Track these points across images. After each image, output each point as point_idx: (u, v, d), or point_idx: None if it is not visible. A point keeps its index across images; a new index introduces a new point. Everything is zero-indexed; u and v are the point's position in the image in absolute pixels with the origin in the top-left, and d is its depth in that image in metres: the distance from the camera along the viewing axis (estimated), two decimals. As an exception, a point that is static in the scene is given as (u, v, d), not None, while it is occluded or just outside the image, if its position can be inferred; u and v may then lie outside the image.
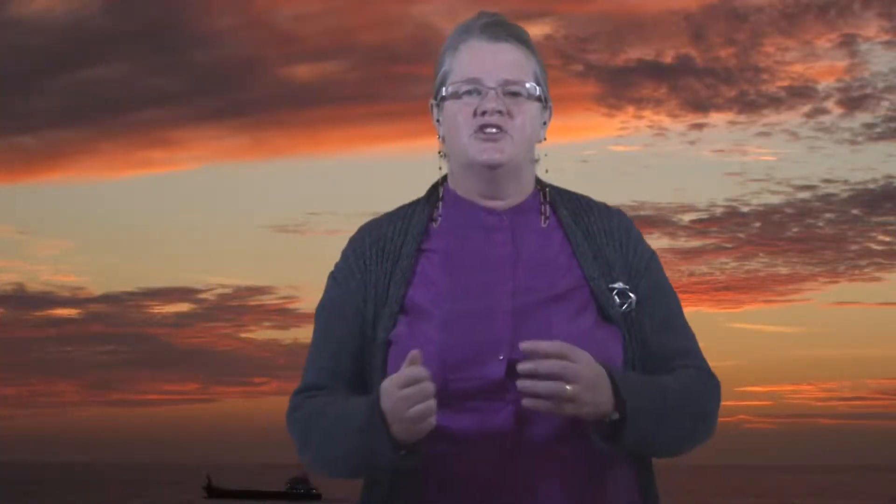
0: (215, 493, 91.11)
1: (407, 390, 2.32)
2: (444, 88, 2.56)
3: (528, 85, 2.53)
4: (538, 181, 2.63)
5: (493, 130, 2.50)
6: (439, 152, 2.61)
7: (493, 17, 2.58)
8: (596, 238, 2.58)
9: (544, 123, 2.60)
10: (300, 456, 2.54)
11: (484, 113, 2.50)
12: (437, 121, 2.60)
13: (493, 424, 2.42)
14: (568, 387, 2.32)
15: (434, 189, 2.64)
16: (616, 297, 2.52)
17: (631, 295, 2.53)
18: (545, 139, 2.61)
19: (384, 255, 2.57)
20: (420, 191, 2.67)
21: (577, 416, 2.36)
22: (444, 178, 2.63)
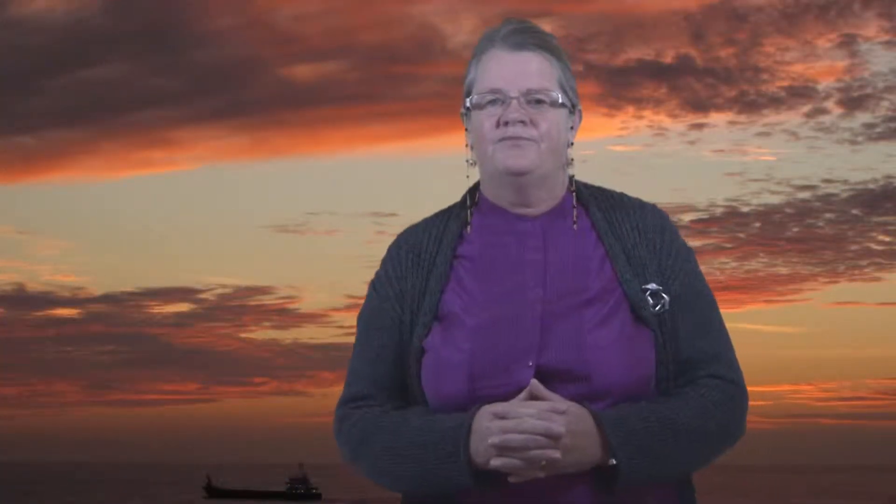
0: (215, 493, 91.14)
1: (506, 423, 2.36)
2: (469, 99, 2.58)
3: (551, 93, 2.53)
4: (572, 183, 2.62)
5: (517, 140, 2.51)
6: (467, 160, 2.62)
7: (517, 24, 2.58)
8: (628, 238, 2.57)
9: (572, 128, 2.60)
10: (352, 466, 2.58)
11: (507, 123, 2.51)
12: (467, 130, 2.61)
13: None
14: (543, 463, 2.36)
15: (469, 194, 2.65)
16: (649, 298, 2.51)
17: (664, 296, 2.52)
18: (573, 142, 2.60)
19: (420, 263, 2.59)
20: (418, 191, 2.68)
21: (563, 471, 2.39)
22: (478, 184, 2.64)
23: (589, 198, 2.61)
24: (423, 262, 2.59)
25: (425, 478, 2.44)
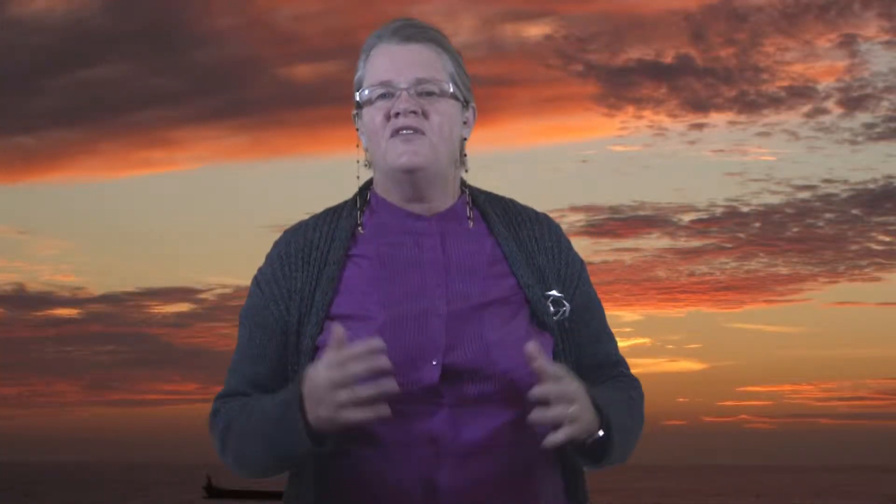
0: (215, 493, 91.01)
1: (332, 374, 2.27)
2: (358, 94, 2.54)
3: (442, 83, 2.49)
4: (464, 184, 2.59)
5: (409, 132, 2.46)
6: (358, 160, 2.58)
7: (407, 20, 2.55)
8: (527, 244, 2.56)
9: (465, 123, 2.56)
10: (222, 459, 2.52)
11: (397, 114, 2.46)
12: (358, 130, 2.57)
13: (427, 429, 2.39)
14: (570, 409, 2.33)
15: (360, 193, 2.60)
16: (550, 305, 2.51)
17: (566, 303, 2.53)
18: (467, 138, 2.57)
19: (310, 262, 2.52)
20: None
21: (573, 437, 2.35)
22: (370, 183, 2.60)
23: (484, 202, 2.59)
24: (314, 260, 2.52)
25: (269, 451, 2.36)
